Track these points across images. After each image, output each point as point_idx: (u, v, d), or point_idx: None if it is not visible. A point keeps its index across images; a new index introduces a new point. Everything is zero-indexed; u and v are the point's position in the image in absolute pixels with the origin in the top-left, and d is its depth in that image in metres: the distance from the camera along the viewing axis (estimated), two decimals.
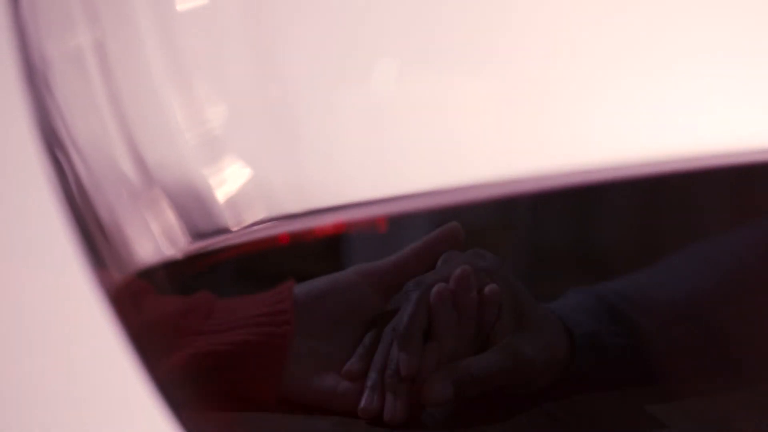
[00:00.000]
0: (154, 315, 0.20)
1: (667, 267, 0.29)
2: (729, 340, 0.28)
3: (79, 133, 0.17)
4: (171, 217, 0.17)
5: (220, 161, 0.17)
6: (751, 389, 0.28)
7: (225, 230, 0.18)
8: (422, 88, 0.19)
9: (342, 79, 0.18)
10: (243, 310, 0.26)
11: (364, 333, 0.27)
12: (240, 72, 0.18)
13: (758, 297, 0.27)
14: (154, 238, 0.17)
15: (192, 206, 0.17)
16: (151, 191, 0.17)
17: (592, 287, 0.27)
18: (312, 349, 0.26)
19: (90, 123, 0.16)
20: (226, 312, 0.26)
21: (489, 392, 0.26)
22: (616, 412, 0.25)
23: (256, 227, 0.19)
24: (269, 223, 0.19)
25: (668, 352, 0.27)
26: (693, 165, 0.19)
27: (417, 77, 0.18)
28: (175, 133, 0.18)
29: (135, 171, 0.17)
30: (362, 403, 0.25)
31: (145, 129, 0.17)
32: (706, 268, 0.28)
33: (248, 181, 0.17)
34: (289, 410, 0.26)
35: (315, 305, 0.26)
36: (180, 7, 0.17)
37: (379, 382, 0.25)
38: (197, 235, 0.18)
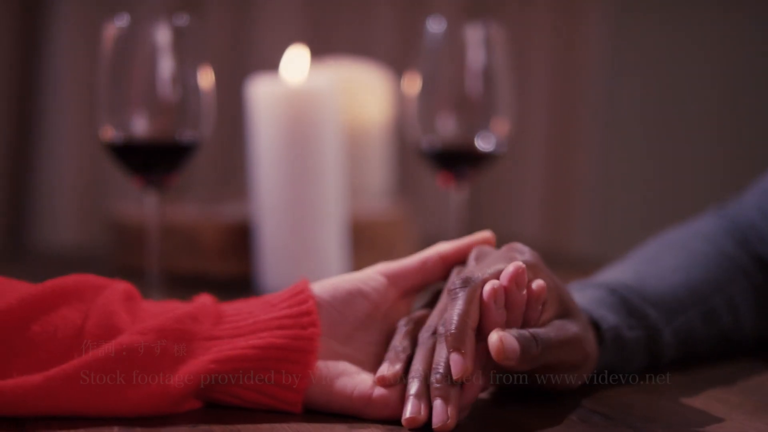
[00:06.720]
0: None
1: (658, 258, 0.29)
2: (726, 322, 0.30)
3: None
4: None
5: None
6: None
7: None
8: None
9: None
10: (259, 312, 0.23)
11: (392, 335, 0.25)
12: None
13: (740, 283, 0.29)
14: None
15: None
16: None
17: (589, 280, 0.27)
18: (339, 353, 0.24)
19: None
20: (240, 315, 0.23)
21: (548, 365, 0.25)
22: (651, 404, 0.26)
23: None
24: None
25: (676, 340, 0.28)
26: None
27: None
28: None
29: None
30: (407, 412, 0.24)
31: None
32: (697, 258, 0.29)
33: None
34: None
35: (340, 306, 0.24)
36: None
37: (422, 389, 0.23)
38: None
